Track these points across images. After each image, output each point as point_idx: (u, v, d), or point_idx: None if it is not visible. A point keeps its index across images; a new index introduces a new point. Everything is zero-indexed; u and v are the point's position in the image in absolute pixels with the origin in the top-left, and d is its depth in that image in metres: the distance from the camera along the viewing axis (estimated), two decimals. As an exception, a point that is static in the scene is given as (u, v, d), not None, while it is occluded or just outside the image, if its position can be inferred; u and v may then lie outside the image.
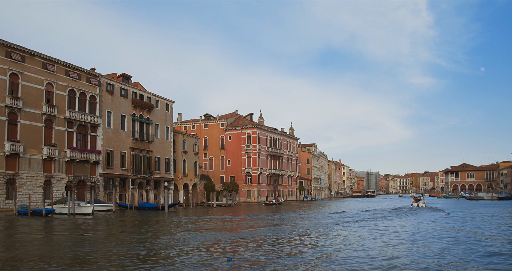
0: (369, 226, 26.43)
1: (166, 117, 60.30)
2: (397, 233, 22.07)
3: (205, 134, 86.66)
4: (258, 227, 25.93)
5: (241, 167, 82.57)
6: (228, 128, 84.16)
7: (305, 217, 36.65)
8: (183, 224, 28.92)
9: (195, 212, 44.95)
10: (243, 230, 24.21)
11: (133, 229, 25.24)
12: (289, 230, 24.27)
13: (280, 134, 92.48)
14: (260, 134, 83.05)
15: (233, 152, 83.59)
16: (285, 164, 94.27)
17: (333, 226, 26.36)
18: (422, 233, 22.26)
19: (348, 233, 22.44)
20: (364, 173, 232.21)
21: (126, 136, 52.53)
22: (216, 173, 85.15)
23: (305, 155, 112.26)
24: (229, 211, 48.39)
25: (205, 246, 17.18)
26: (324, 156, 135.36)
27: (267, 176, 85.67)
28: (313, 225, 27.15)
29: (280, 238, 20.13)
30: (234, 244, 17.66)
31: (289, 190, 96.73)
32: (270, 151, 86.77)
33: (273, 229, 24.82)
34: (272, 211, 49.03)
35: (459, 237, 20.10)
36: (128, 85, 53.46)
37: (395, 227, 26.08)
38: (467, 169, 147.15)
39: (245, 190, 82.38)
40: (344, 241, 18.82)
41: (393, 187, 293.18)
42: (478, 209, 47.44)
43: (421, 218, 34.09)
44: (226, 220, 32.70)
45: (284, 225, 27.64)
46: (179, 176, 63.09)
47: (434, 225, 27.47)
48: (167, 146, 60.19)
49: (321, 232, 22.71)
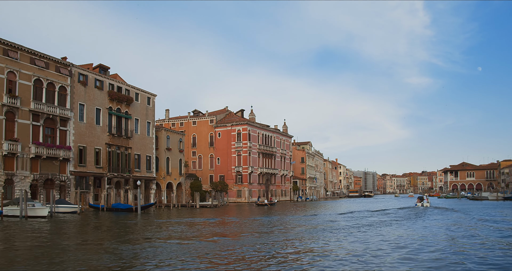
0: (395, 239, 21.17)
1: (147, 112, 56.24)
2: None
3: (193, 131, 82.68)
4: (237, 236, 21.90)
5: (231, 165, 78.59)
6: (218, 125, 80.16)
7: (300, 219, 32.71)
8: (149, 229, 24.94)
9: (174, 214, 40.99)
10: (207, 240, 20.16)
11: (81, 236, 21.24)
12: (281, 241, 18.85)
13: (273, 131, 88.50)
14: (251, 131, 79.06)
15: (222, 150, 79.61)
16: (278, 163, 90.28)
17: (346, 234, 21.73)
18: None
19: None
20: (361, 172, 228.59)
21: (102, 131, 48.44)
22: (205, 172, 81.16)
23: (299, 153, 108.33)
24: (213, 212, 44.47)
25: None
26: (320, 155, 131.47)
27: (259, 175, 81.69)
28: (310, 233, 22.98)
29: (266, 257, 14.27)
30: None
31: (283, 190, 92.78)
32: (262, 149, 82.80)
33: (256, 241, 18.31)
34: (263, 212, 45.20)
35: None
36: (104, 77, 49.37)
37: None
38: (466, 168, 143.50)
39: (235, 190, 78.40)
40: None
41: (391, 187, 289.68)
42: (492, 210, 43.53)
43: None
44: (201, 223, 28.73)
45: (274, 231, 23.45)
46: (162, 174, 59.05)
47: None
48: (149, 142, 56.13)
49: (323, 245, 18.59)
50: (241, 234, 21.67)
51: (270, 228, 25.10)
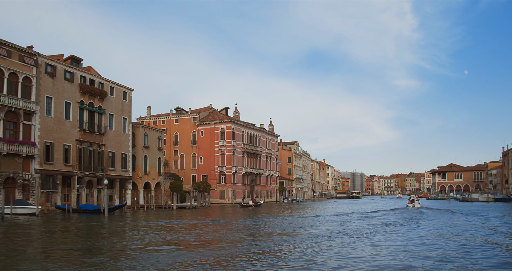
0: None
1: (123, 107, 53.01)
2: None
3: (176, 129, 79.53)
4: (207, 244, 18.97)
5: (214, 165, 75.56)
6: (201, 123, 77.10)
7: (288, 222, 29.88)
8: (102, 234, 21.91)
9: (144, 216, 37.89)
10: (150, 248, 17.19)
11: (21, 242, 18.13)
12: (247, 253, 15.70)
13: (258, 130, 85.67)
14: (235, 130, 76.13)
15: (205, 149, 76.55)
16: (264, 163, 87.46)
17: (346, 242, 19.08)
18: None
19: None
20: (349, 173, 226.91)
21: (72, 127, 45.12)
22: (187, 171, 78.03)
23: (286, 153, 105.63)
24: (190, 214, 41.50)
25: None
26: (307, 155, 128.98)
27: (243, 175, 78.78)
28: (302, 242, 20.06)
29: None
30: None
31: (268, 191, 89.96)
32: (247, 148, 79.91)
33: (207, 256, 15.25)
34: (247, 214, 42.40)
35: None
36: (75, 68, 46.04)
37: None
38: (454, 169, 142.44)
39: (218, 191, 75.39)
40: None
41: (379, 188, 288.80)
42: (489, 212, 41.17)
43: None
44: (169, 227, 25.76)
45: (244, 240, 20.47)
46: (139, 174, 55.82)
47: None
48: (124, 139, 52.88)
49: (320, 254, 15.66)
50: (197, 243, 18.76)
51: (242, 234, 22.20)
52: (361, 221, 30.30)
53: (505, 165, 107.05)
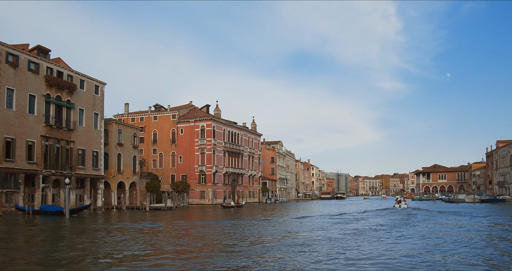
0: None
1: (95, 102, 49.93)
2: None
3: (154, 127, 76.54)
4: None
5: (194, 164, 72.76)
6: (180, 121, 74.23)
7: (274, 223, 27.38)
8: (48, 240, 19.15)
9: (112, 219, 35.06)
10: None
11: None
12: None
13: (240, 128, 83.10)
14: (216, 128, 73.45)
15: (185, 148, 73.72)
16: (246, 162, 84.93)
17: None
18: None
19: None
20: (334, 174, 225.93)
21: (36, 121, 41.96)
22: (166, 171, 75.11)
23: (269, 153, 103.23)
24: (163, 216, 38.78)
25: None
26: (291, 155, 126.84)
27: (224, 175, 76.12)
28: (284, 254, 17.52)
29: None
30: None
31: (251, 191, 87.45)
32: (228, 147, 77.28)
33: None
34: (227, 215, 39.90)
35: None
36: (41, 59, 42.88)
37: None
38: (438, 170, 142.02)
39: (198, 191, 72.62)
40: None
41: (363, 189, 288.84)
42: (479, 211, 39.30)
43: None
44: (125, 230, 23.08)
45: (202, 249, 17.88)
46: (112, 173, 52.80)
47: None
48: (96, 136, 49.80)
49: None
50: (139, 254, 16.15)
51: (201, 241, 19.66)
52: (349, 225, 28.01)
53: (489, 166, 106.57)
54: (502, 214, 38.28)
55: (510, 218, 33.07)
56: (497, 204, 58.50)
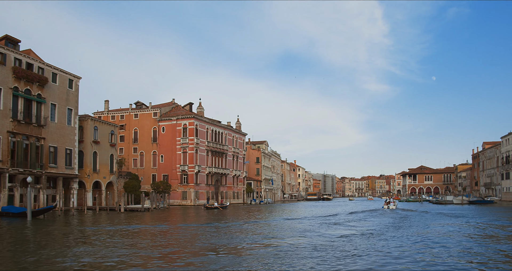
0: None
1: (69, 97, 47.19)
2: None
3: (135, 125, 73.83)
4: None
5: (176, 163, 70.25)
6: (162, 119, 71.67)
7: (252, 229, 25.18)
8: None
9: (79, 221, 32.56)
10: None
11: None
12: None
13: (224, 127, 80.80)
14: (199, 126, 71.03)
15: (167, 146, 71.17)
16: (230, 162, 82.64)
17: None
18: None
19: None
20: (321, 175, 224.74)
21: (2, 116, 39.15)
22: (147, 170, 72.46)
23: (254, 153, 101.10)
24: (140, 218, 36.40)
25: None
26: (277, 156, 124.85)
27: (207, 175, 73.72)
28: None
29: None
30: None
31: (235, 192, 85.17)
32: (212, 146, 74.92)
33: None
34: (209, 217, 37.64)
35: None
36: (9, 49, 40.10)
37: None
38: (425, 171, 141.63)
39: (180, 191, 70.09)
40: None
41: (350, 190, 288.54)
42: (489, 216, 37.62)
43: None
44: (90, 234, 20.71)
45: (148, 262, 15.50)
46: (87, 172, 50.11)
47: None
48: (69, 133, 47.06)
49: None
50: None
51: (169, 248, 17.41)
52: (336, 229, 26.00)
53: (475, 167, 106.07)
54: (499, 216, 36.59)
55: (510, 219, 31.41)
56: (485, 206, 57.25)
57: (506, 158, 76.48)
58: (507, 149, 76.15)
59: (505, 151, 76.84)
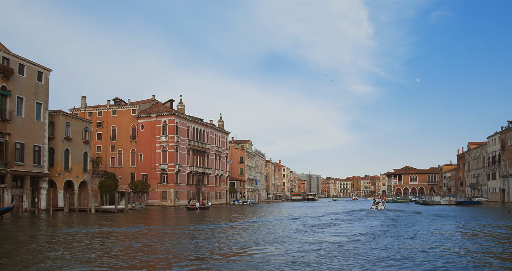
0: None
1: (38, 90, 44.30)
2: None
3: (113, 122, 70.96)
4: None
5: (155, 162, 67.60)
6: (141, 116, 68.95)
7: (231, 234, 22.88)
8: None
9: (42, 223, 29.94)
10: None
11: None
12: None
13: (206, 125, 78.34)
14: (179, 124, 68.48)
15: (146, 145, 68.47)
16: (212, 161, 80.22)
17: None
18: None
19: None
20: (306, 175, 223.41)
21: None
22: (125, 169, 69.65)
23: (238, 152, 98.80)
24: (112, 219, 33.90)
25: None
26: (261, 155, 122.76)
27: (188, 175, 71.19)
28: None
29: None
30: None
31: (217, 192, 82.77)
32: (193, 145, 72.43)
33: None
34: (189, 218, 35.31)
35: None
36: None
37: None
38: (410, 171, 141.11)
39: (159, 191, 67.44)
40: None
41: (335, 190, 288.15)
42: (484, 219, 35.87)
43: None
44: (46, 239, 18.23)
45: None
46: (58, 170, 47.25)
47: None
48: (38, 128, 44.15)
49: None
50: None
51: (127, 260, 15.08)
52: (323, 232, 23.90)
53: (460, 168, 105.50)
54: (496, 217, 34.93)
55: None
56: (473, 207, 55.97)
57: (492, 158, 75.60)
58: (493, 149, 75.28)
59: (491, 151, 75.97)
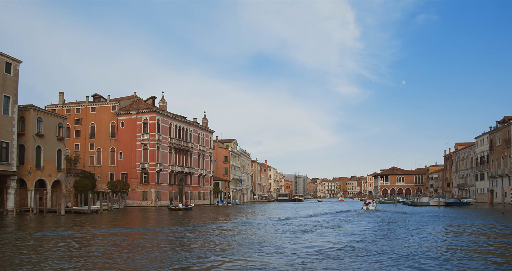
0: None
1: (6, 82, 41.52)
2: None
3: (92, 119, 68.12)
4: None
5: (136, 161, 64.98)
6: (121, 113, 66.24)
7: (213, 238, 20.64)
8: None
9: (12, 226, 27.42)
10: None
11: None
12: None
13: (190, 124, 75.88)
14: (161, 122, 65.97)
15: (126, 143, 65.79)
16: (196, 161, 77.79)
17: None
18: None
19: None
20: (292, 176, 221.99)
21: None
22: (104, 168, 66.88)
23: (222, 151, 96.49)
24: (82, 221, 31.43)
25: None
26: (247, 155, 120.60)
27: (170, 174, 68.68)
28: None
29: None
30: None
31: (201, 192, 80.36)
32: (175, 143, 69.94)
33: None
34: (168, 220, 33.02)
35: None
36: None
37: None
38: (396, 172, 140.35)
39: (139, 191, 64.80)
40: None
41: (321, 191, 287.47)
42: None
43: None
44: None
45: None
46: (28, 168, 44.47)
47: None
48: (6, 123, 41.36)
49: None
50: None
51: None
52: (312, 237, 21.81)
53: (447, 168, 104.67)
54: (497, 219, 33.23)
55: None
56: (462, 208, 54.56)
57: (480, 158, 74.55)
58: (481, 149, 74.25)
59: (480, 152, 74.93)
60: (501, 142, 64.23)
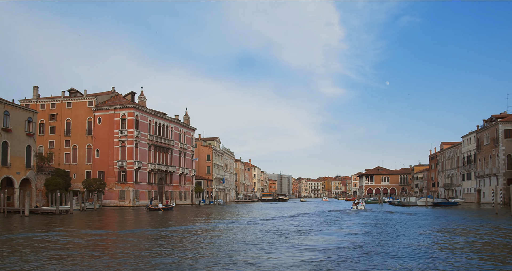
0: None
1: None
2: None
3: (68, 115, 65.05)
4: None
5: (113, 159, 62.12)
6: (98, 108, 63.31)
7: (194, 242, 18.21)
8: None
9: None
10: None
11: None
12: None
13: (170, 120, 73.18)
14: (140, 118, 63.23)
15: (103, 140, 62.93)
16: (177, 159, 75.12)
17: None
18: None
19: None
20: (277, 175, 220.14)
21: None
22: (80, 166, 63.88)
23: (205, 150, 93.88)
24: (45, 223, 28.83)
25: None
26: (230, 154, 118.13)
27: (149, 173, 65.94)
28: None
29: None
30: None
31: (182, 192, 77.72)
32: (155, 141, 67.21)
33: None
34: (151, 221, 30.52)
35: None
36: None
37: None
38: (381, 172, 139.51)
39: (117, 190, 62.01)
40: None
41: (306, 191, 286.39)
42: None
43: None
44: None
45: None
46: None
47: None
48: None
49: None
50: None
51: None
52: (297, 241, 19.60)
53: (433, 168, 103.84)
54: (496, 221, 31.46)
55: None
56: (451, 208, 53.17)
57: (467, 157, 73.48)
58: (468, 148, 73.19)
59: (466, 151, 73.87)
60: (489, 141, 63.11)
